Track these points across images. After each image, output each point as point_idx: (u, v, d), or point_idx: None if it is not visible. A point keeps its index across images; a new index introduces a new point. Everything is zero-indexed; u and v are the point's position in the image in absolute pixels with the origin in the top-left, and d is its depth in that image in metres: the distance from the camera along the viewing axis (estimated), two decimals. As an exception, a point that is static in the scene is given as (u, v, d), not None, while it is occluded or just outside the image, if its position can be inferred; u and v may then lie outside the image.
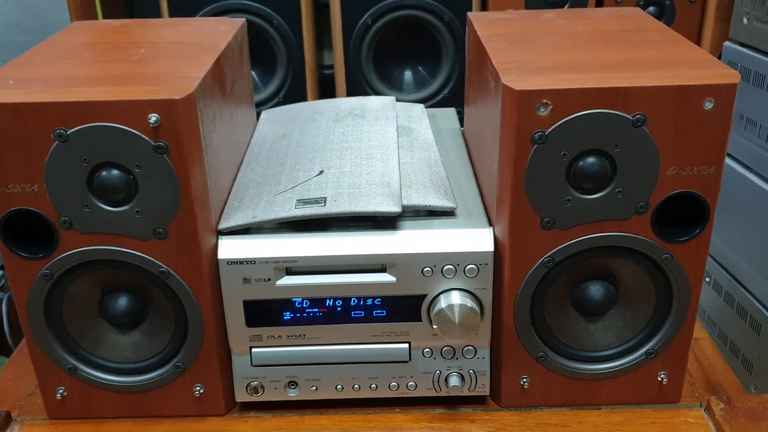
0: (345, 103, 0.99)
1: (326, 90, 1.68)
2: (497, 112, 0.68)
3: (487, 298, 0.74)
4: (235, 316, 0.75)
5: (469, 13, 0.91)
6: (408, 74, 1.55)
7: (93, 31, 0.87)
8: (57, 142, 0.65)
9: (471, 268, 0.72)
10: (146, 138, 0.65)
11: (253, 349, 0.77)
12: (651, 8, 1.52)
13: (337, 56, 1.51)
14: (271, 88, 1.50)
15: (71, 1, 1.45)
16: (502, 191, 0.70)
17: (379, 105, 0.98)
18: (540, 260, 0.72)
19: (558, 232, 0.71)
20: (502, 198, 0.70)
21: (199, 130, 0.67)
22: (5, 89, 0.67)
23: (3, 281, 1.58)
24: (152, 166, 0.66)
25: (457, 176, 0.86)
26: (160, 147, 0.65)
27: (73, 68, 0.73)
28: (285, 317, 0.75)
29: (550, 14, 0.89)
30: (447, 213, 0.77)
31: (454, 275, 0.73)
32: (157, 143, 0.65)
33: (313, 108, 0.99)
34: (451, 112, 1.08)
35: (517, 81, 0.66)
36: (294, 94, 1.51)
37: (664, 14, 1.52)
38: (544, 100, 0.65)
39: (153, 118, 0.64)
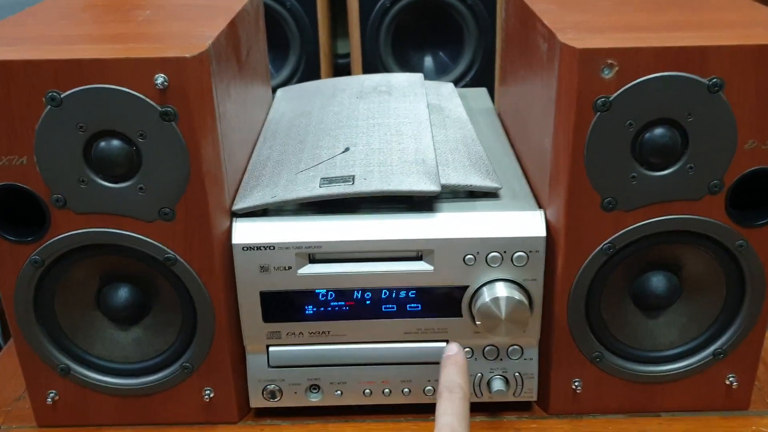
0: (368, 80, 0.90)
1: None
2: (552, 79, 0.60)
3: (537, 291, 0.65)
4: (250, 309, 0.66)
5: (506, -21, 0.83)
6: (428, 60, 1.46)
7: (92, -5, 0.79)
8: (49, 106, 0.57)
9: (520, 256, 0.64)
10: (151, 102, 0.57)
11: (271, 348, 0.68)
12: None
13: (354, 41, 1.43)
14: (284, 73, 1.41)
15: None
16: (558, 168, 0.61)
17: (405, 82, 0.89)
18: (599, 247, 0.63)
19: (620, 215, 0.62)
20: (557, 176, 0.62)
21: (213, 94, 0.59)
22: (-10, 47, 0.59)
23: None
24: (158, 135, 0.58)
25: (497, 156, 0.77)
26: (167, 113, 0.57)
27: (70, 28, 0.65)
28: (307, 311, 0.66)
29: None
30: (490, 194, 0.68)
31: (500, 264, 0.64)
32: (164, 108, 0.57)
33: (334, 84, 0.91)
34: (482, 92, 1.00)
35: (578, 39, 0.57)
36: (308, 80, 1.43)
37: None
38: (610, 61, 0.56)
39: (160, 79, 0.56)
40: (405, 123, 0.76)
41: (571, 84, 0.57)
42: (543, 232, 0.63)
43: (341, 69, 1.64)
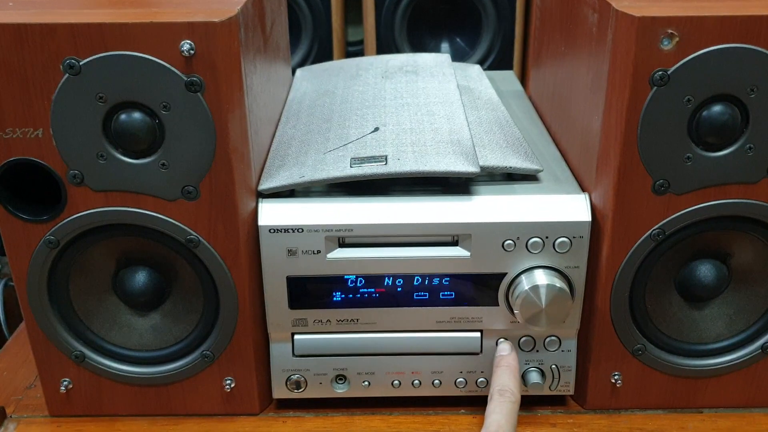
0: (393, 60, 0.87)
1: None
2: (604, 51, 0.56)
3: (580, 279, 0.61)
4: (276, 295, 0.62)
5: (542, -47, 0.79)
6: (445, 46, 1.42)
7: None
8: (67, 75, 0.53)
9: (562, 242, 0.60)
10: (177, 71, 0.53)
11: (296, 336, 0.64)
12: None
13: (368, 26, 1.39)
14: (296, 58, 1.37)
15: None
16: (608, 148, 0.57)
17: (432, 62, 0.85)
18: (647, 232, 0.59)
19: (671, 198, 0.58)
20: (607, 156, 0.58)
21: (241, 64, 0.55)
22: (4, 9, 0.55)
23: (0, 266, 1.46)
24: (183, 107, 0.54)
25: (532, 138, 0.73)
26: (193, 83, 0.53)
27: (88, -7, 0.61)
28: (335, 298, 0.63)
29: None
30: (529, 177, 0.65)
31: (540, 250, 0.60)
32: (190, 78, 0.53)
33: (357, 64, 0.87)
34: (510, 74, 0.96)
35: (635, 7, 0.53)
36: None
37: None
38: (670, 30, 0.52)
39: (186, 45, 0.52)
40: (436, 103, 0.73)
41: (627, 55, 0.53)
42: (588, 217, 0.60)
43: (353, 56, 1.60)
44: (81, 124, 0.55)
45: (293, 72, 0.90)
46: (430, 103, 0.73)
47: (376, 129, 0.67)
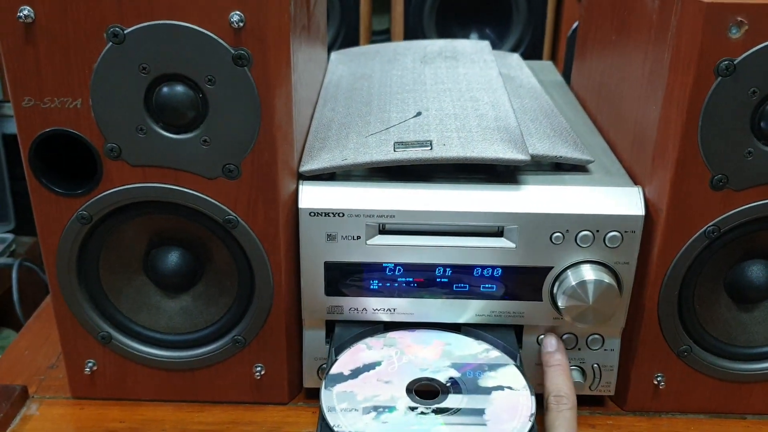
0: (431, 45, 0.84)
1: (378, 54, 1.53)
2: (666, 38, 0.54)
3: (629, 275, 0.59)
4: (312, 280, 0.60)
5: (591, -59, 0.77)
6: (474, 37, 1.40)
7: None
8: (110, 43, 0.51)
9: (613, 236, 0.58)
10: (224, 44, 0.51)
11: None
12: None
13: (396, 17, 1.37)
14: (323, 45, 1.35)
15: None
16: (665, 139, 0.55)
17: (471, 48, 0.83)
18: (702, 229, 0.57)
19: (729, 194, 0.56)
20: (664, 148, 0.56)
21: (289, 39, 0.53)
22: (46, -26, 0.53)
23: (14, 246, 1.44)
24: (229, 81, 0.52)
25: (578, 128, 0.71)
26: (241, 56, 0.51)
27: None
28: (372, 286, 0.61)
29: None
30: (578, 168, 0.63)
31: (590, 244, 0.58)
32: (238, 51, 0.51)
33: (393, 49, 0.85)
34: (549, 65, 0.94)
35: (703, -6, 0.51)
36: (346, 54, 1.37)
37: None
38: (739, 18, 0.50)
39: (236, 16, 0.50)
40: (479, 89, 0.70)
41: (693, 43, 0.51)
42: (642, 211, 0.57)
43: (378, 45, 1.58)
44: (121, 96, 0.53)
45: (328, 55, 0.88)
46: (473, 89, 0.70)
47: (419, 113, 0.65)
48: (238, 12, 0.50)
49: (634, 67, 0.62)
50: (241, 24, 0.50)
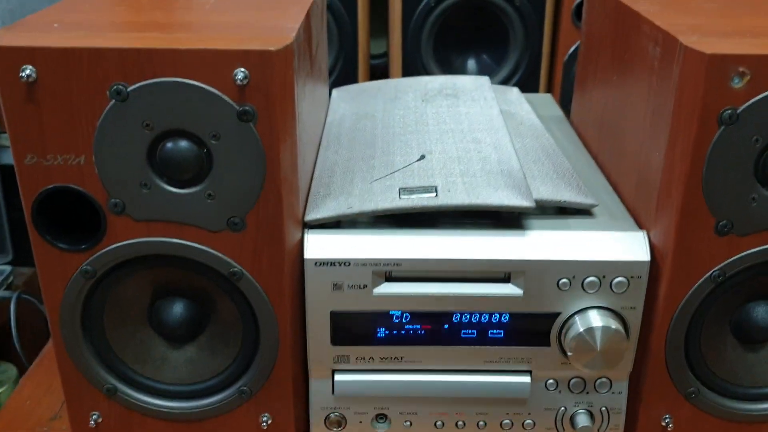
0: (432, 82, 0.84)
1: (376, 79, 1.53)
2: (669, 86, 0.54)
3: (636, 320, 0.59)
4: (318, 330, 0.60)
5: (589, -21, 0.77)
6: (471, 62, 1.40)
7: (145, -18, 0.73)
8: (114, 101, 0.51)
9: (620, 282, 0.58)
10: (229, 100, 0.51)
11: (336, 377, 0.62)
12: None
13: (394, 42, 1.37)
14: (320, 73, 1.35)
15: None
16: (669, 185, 0.55)
17: (471, 85, 0.83)
18: (708, 273, 0.57)
19: (733, 239, 0.56)
20: (668, 194, 0.56)
21: (294, 93, 0.53)
22: (49, 32, 0.53)
23: (11, 278, 1.43)
24: (233, 136, 0.52)
25: (579, 168, 0.71)
26: (246, 112, 0.51)
27: (131, 14, 0.59)
28: (379, 334, 0.60)
29: (689, -19, 0.75)
30: (582, 211, 0.63)
31: (597, 290, 0.58)
32: (243, 107, 0.51)
33: (394, 86, 0.85)
34: (548, 98, 0.94)
35: (704, 43, 0.51)
36: (344, 81, 1.37)
37: None
38: (741, 69, 0.50)
39: (240, 74, 0.50)
40: (480, 130, 0.70)
41: (696, 93, 0.51)
42: (647, 256, 0.57)
43: (375, 69, 1.58)
44: (125, 152, 0.53)
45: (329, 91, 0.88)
46: (475, 130, 0.70)
47: (422, 157, 0.65)
48: (242, 69, 0.50)
49: (636, 110, 0.62)
50: (246, 81, 0.50)
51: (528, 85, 1.36)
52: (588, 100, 0.78)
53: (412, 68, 1.38)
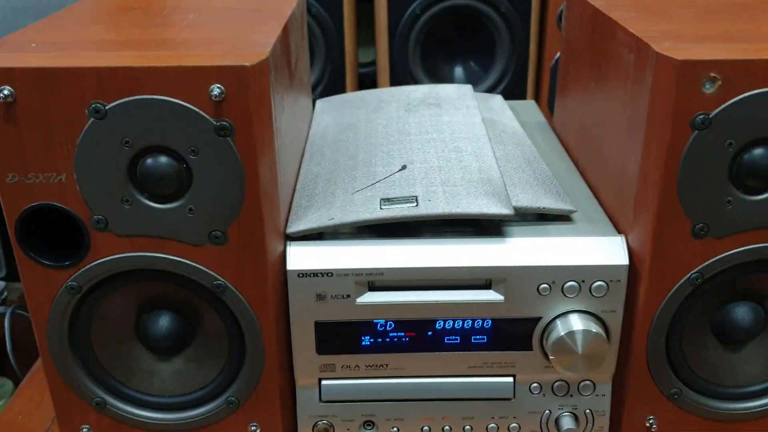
0: (415, 92, 0.85)
1: (368, 87, 1.54)
2: (643, 92, 0.55)
3: (616, 323, 0.60)
4: (303, 340, 0.60)
5: (566, -14, 0.78)
6: (458, 70, 1.41)
7: (127, -1, 0.73)
8: (92, 119, 0.52)
9: (599, 286, 0.58)
10: (206, 116, 0.51)
11: (323, 382, 0.62)
12: None
13: (381, 50, 1.38)
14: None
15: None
16: (645, 191, 0.56)
17: (454, 94, 0.84)
18: (686, 276, 0.58)
19: (711, 242, 0.57)
20: (644, 199, 0.56)
21: (271, 107, 0.54)
22: (27, 52, 0.53)
23: (5, 293, 1.44)
24: (212, 151, 0.52)
25: (560, 174, 0.72)
26: (224, 127, 0.52)
27: (110, 32, 0.59)
28: (364, 343, 0.61)
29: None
30: (562, 217, 0.63)
31: (576, 294, 0.59)
32: (220, 122, 0.52)
33: (378, 96, 0.85)
34: (531, 104, 0.95)
35: (676, 50, 0.52)
36: (332, 91, 1.37)
37: None
38: (712, 74, 0.51)
39: (216, 90, 0.50)
40: (462, 138, 0.71)
41: (668, 99, 0.52)
42: (626, 260, 0.58)
43: (363, 78, 1.59)
44: (106, 169, 0.53)
45: (313, 103, 0.88)
46: (457, 139, 0.71)
47: (404, 167, 0.66)
48: (218, 85, 0.50)
49: (613, 115, 0.62)
50: (222, 96, 0.51)
51: (515, 91, 1.37)
52: (569, 106, 0.79)
53: (400, 76, 1.39)
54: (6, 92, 0.50)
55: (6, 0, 1.26)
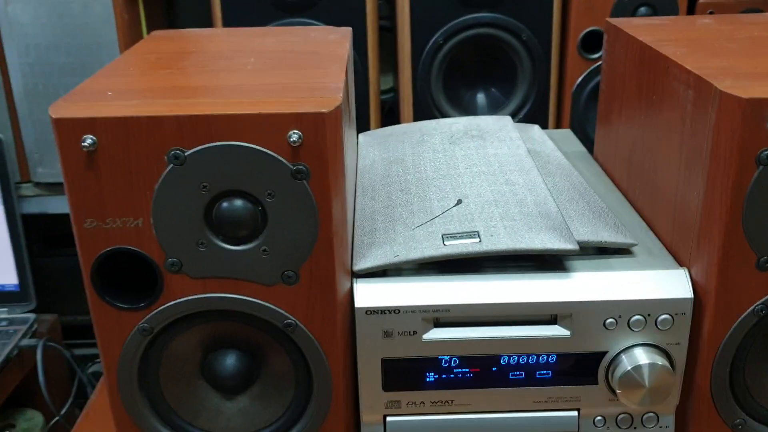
0: (455, 124, 0.86)
1: (387, 116, 1.56)
2: (704, 129, 0.56)
3: (681, 355, 0.60)
4: (370, 377, 0.61)
5: (608, 19, 0.80)
6: (481, 97, 1.43)
7: (181, 41, 0.75)
8: (171, 165, 0.53)
9: (665, 319, 0.59)
10: (284, 160, 0.52)
11: (389, 418, 0.63)
12: None
13: (404, 78, 1.39)
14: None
15: (119, 18, 1.33)
16: (709, 224, 0.57)
17: (495, 125, 0.85)
18: (750, 308, 0.59)
19: (774, 274, 0.58)
20: (709, 233, 0.57)
21: (344, 150, 0.55)
22: (106, 101, 0.54)
23: (35, 325, 1.44)
24: (288, 194, 0.53)
25: (611, 205, 0.73)
26: (300, 171, 0.53)
27: (179, 78, 0.61)
28: (428, 379, 0.62)
29: (706, 20, 0.78)
30: (621, 251, 0.64)
31: (642, 328, 0.59)
32: (297, 166, 0.53)
33: (419, 129, 0.87)
34: (568, 133, 0.96)
35: (739, 87, 0.53)
36: (356, 119, 1.39)
37: None
38: (777, 111, 0.52)
39: (294, 136, 0.52)
40: (512, 171, 0.72)
41: (733, 136, 0.53)
42: (690, 293, 0.59)
43: (383, 105, 1.60)
44: (182, 213, 0.54)
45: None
46: (506, 171, 0.72)
47: (459, 201, 0.67)
48: (296, 131, 0.51)
49: (669, 150, 0.64)
50: (299, 141, 0.52)
51: (537, 118, 1.38)
52: (613, 137, 0.80)
53: (423, 105, 1.40)
54: (89, 141, 0.51)
55: (41, 38, 1.27)
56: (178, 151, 0.52)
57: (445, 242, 0.61)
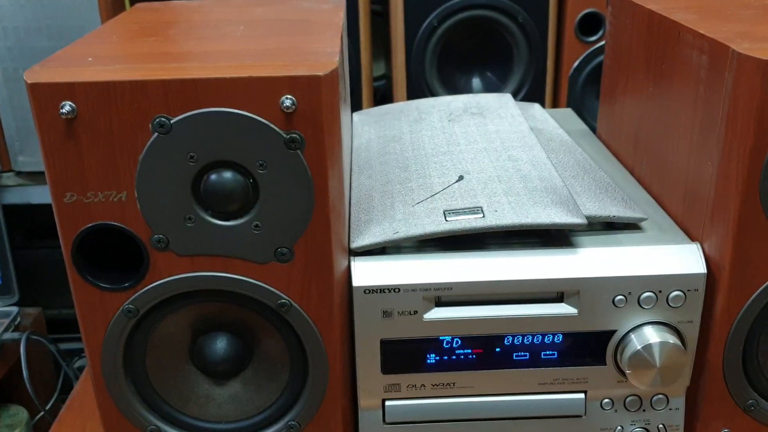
0: (454, 101, 0.84)
1: (380, 103, 1.52)
2: (719, 95, 0.53)
3: (693, 334, 0.58)
4: (368, 359, 0.58)
5: (612, -9, 0.77)
6: (476, 81, 1.40)
7: (166, 11, 0.71)
8: (156, 133, 0.49)
9: (677, 296, 0.56)
10: (276, 128, 0.49)
11: (387, 402, 0.60)
12: None
13: (398, 62, 1.36)
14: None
15: (102, 1, 1.30)
16: (724, 195, 0.54)
17: (495, 103, 0.82)
18: (766, 284, 0.56)
19: (792, 247, 0.55)
20: (723, 204, 0.55)
21: (340, 119, 0.52)
22: (86, 66, 0.51)
23: (18, 319, 1.40)
24: (281, 165, 0.50)
25: (617, 181, 0.70)
26: (294, 140, 0.49)
27: (164, 45, 0.57)
28: (429, 361, 0.59)
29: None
30: (631, 225, 0.61)
31: (653, 305, 0.57)
32: (291, 135, 0.49)
33: (416, 107, 0.84)
34: (569, 112, 0.93)
35: (758, 48, 0.50)
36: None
37: None
38: (797, 74, 0.50)
39: (288, 101, 0.48)
40: (514, 147, 0.69)
41: (751, 100, 0.50)
42: (703, 268, 0.56)
43: (375, 92, 1.57)
44: (168, 186, 0.51)
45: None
46: (509, 148, 0.69)
47: (461, 178, 0.64)
48: (289, 96, 0.48)
49: (681, 120, 0.61)
50: (293, 108, 0.48)
51: (533, 101, 1.35)
52: (618, 113, 0.78)
53: (417, 89, 1.37)
54: (67, 108, 0.48)
55: (20, 21, 1.23)
56: (163, 119, 0.49)
57: (448, 218, 0.58)
